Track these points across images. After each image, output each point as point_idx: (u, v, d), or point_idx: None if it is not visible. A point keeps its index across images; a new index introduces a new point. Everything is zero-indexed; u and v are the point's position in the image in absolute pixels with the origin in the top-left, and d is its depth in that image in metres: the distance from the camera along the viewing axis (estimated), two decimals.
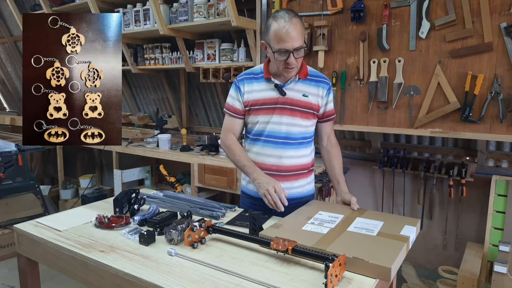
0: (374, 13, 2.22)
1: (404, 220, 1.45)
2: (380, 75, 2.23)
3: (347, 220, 1.44)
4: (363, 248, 1.19)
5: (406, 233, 1.31)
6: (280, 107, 1.65)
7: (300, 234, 1.30)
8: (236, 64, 2.91)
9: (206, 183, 2.80)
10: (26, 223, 1.54)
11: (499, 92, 1.93)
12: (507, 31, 1.88)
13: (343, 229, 1.35)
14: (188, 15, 2.91)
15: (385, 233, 1.31)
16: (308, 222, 1.41)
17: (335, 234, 1.30)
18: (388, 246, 1.21)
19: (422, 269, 2.65)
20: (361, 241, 1.26)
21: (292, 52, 1.52)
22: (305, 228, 1.36)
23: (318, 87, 1.68)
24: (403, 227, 1.35)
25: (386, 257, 1.12)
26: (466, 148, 2.50)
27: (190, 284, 1.07)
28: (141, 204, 1.67)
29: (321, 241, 1.24)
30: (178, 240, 1.32)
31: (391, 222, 1.41)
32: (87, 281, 1.28)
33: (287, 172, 1.69)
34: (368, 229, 1.35)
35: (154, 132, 3.68)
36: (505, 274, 1.89)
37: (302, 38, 1.54)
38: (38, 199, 3.34)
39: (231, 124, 1.75)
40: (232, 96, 1.73)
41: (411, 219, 1.45)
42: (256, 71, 1.73)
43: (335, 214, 1.49)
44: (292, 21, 1.50)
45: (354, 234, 1.32)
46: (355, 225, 1.39)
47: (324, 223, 1.41)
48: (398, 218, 1.53)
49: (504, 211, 2.22)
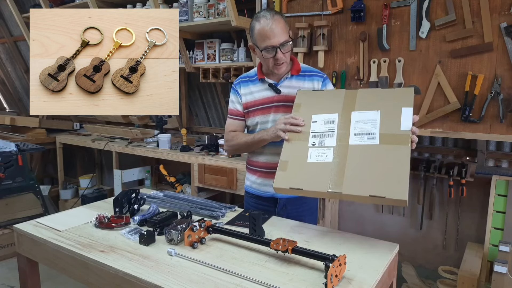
0: (374, 13, 2.22)
1: (398, 97, 1.37)
2: (380, 75, 2.23)
3: (343, 121, 1.38)
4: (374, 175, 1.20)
5: (405, 125, 1.28)
6: (276, 105, 1.67)
7: (309, 173, 1.29)
8: (236, 64, 2.91)
9: (206, 183, 2.80)
10: (26, 223, 1.54)
11: (499, 92, 1.93)
12: (507, 31, 1.88)
13: (345, 144, 1.31)
14: (188, 15, 2.91)
15: (386, 134, 1.28)
16: (309, 145, 1.37)
17: (341, 159, 1.28)
18: (395, 160, 1.21)
19: (422, 269, 2.64)
20: (368, 161, 1.24)
21: (279, 48, 1.55)
22: (310, 160, 1.33)
23: (312, 81, 1.69)
24: (400, 113, 1.31)
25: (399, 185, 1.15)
26: (466, 148, 2.50)
27: (190, 284, 1.07)
28: (141, 204, 1.67)
29: (333, 179, 1.23)
30: (178, 240, 1.32)
31: (388, 108, 1.34)
32: (87, 281, 1.28)
33: None
34: (368, 133, 1.30)
35: (154, 132, 3.68)
36: (505, 274, 1.89)
37: (287, 33, 1.57)
38: (38, 199, 3.34)
39: (234, 125, 1.76)
40: (233, 101, 1.76)
41: (404, 94, 1.36)
42: (251, 74, 1.76)
43: (330, 116, 1.42)
44: (274, 17, 1.55)
45: (358, 150, 1.28)
46: (354, 131, 1.33)
47: (324, 139, 1.36)
48: (391, 94, 1.42)
49: (504, 211, 2.22)
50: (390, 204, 1.14)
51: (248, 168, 1.81)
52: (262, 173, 1.73)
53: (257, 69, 1.73)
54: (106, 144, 3.51)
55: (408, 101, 1.34)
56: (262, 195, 1.75)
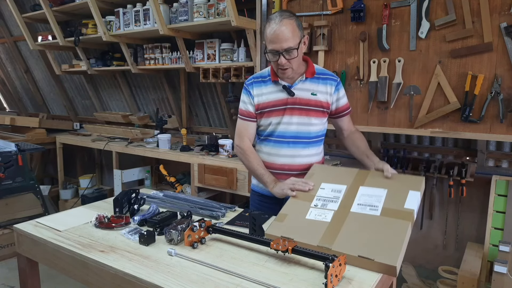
0: (374, 13, 2.22)
1: (407, 182, 1.39)
2: (380, 75, 2.23)
3: (350, 192, 1.40)
4: (367, 238, 1.17)
5: (410, 204, 1.27)
6: (290, 108, 1.67)
7: (304, 228, 1.28)
8: (236, 64, 2.91)
9: (206, 183, 2.80)
10: (26, 223, 1.54)
11: (499, 92, 1.93)
12: (507, 31, 1.88)
13: (346, 210, 1.32)
14: (188, 15, 2.90)
15: (389, 209, 1.28)
16: (311, 206, 1.39)
17: (339, 221, 1.28)
18: (393, 231, 1.18)
19: (422, 269, 2.64)
20: (365, 227, 1.23)
21: (282, 53, 1.53)
22: (308, 217, 1.34)
23: (326, 85, 1.69)
24: (407, 195, 1.31)
25: (391, 251, 1.11)
26: (466, 148, 2.49)
27: (190, 284, 1.07)
28: (141, 204, 1.67)
29: (326, 235, 1.23)
30: (178, 240, 1.32)
31: (395, 189, 1.36)
32: (87, 281, 1.28)
33: (299, 171, 1.70)
34: (371, 205, 1.31)
35: (154, 132, 3.68)
36: (505, 274, 1.89)
37: (294, 39, 1.53)
38: (38, 199, 3.34)
39: (246, 128, 1.74)
40: (244, 101, 1.74)
41: (415, 180, 1.39)
42: (264, 74, 1.74)
43: (338, 186, 1.45)
44: (282, 22, 1.51)
45: (358, 217, 1.28)
46: (358, 201, 1.35)
47: (327, 203, 1.38)
48: (401, 180, 1.45)
49: (504, 211, 2.22)
50: (378, 270, 1.10)
51: None
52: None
53: (271, 69, 1.71)
54: (106, 144, 3.51)
55: (417, 186, 1.37)
56: (266, 194, 1.75)
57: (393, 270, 1.09)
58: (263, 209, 1.75)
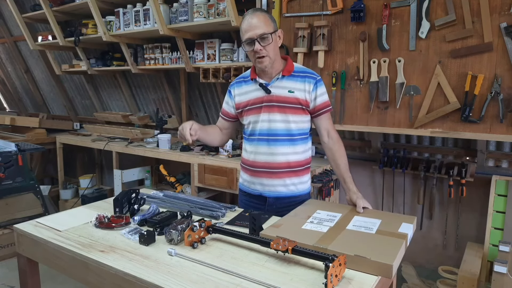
0: (374, 13, 2.22)
1: (401, 218, 1.47)
2: (380, 75, 2.23)
3: (345, 218, 1.46)
4: (363, 245, 1.20)
5: (404, 230, 1.33)
6: (266, 105, 1.69)
7: (300, 233, 1.31)
8: (236, 64, 2.91)
9: (206, 183, 2.80)
10: (26, 223, 1.54)
11: (499, 92, 1.93)
12: (507, 31, 1.88)
13: (342, 227, 1.36)
14: (188, 15, 2.91)
15: (384, 230, 1.33)
16: (307, 221, 1.42)
17: (335, 232, 1.31)
18: (387, 243, 1.23)
19: (422, 269, 2.64)
20: (361, 239, 1.27)
21: (257, 40, 1.58)
22: (304, 227, 1.37)
23: (304, 82, 1.69)
24: (400, 225, 1.37)
25: (387, 254, 1.14)
26: (466, 148, 2.50)
27: (190, 284, 1.07)
28: (141, 204, 1.67)
29: (322, 239, 1.25)
30: (178, 240, 1.32)
31: (389, 220, 1.43)
32: (87, 281, 1.28)
33: (278, 169, 1.70)
34: (366, 227, 1.36)
35: (154, 132, 3.68)
36: (505, 274, 1.89)
37: (267, 26, 1.60)
38: (38, 199, 3.34)
39: (220, 122, 1.89)
40: (226, 101, 1.85)
41: (408, 217, 1.47)
42: (246, 75, 1.80)
43: (333, 213, 1.50)
44: (255, 13, 1.61)
45: (353, 232, 1.33)
46: (354, 224, 1.40)
47: (323, 221, 1.41)
48: (395, 216, 1.55)
49: (504, 211, 2.22)
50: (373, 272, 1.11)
51: (241, 166, 1.86)
52: (251, 171, 1.77)
53: (251, 69, 1.76)
54: (106, 144, 3.51)
55: (410, 220, 1.43)
56: (251, 192, 1.78)
57: (389, 269, 1.09)
58: (249, 208, 1.76)
